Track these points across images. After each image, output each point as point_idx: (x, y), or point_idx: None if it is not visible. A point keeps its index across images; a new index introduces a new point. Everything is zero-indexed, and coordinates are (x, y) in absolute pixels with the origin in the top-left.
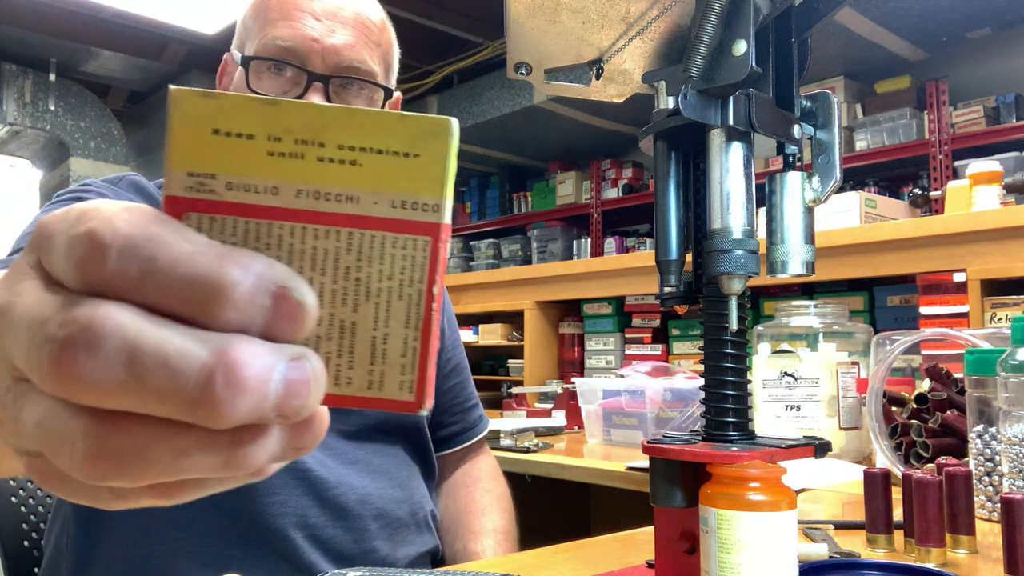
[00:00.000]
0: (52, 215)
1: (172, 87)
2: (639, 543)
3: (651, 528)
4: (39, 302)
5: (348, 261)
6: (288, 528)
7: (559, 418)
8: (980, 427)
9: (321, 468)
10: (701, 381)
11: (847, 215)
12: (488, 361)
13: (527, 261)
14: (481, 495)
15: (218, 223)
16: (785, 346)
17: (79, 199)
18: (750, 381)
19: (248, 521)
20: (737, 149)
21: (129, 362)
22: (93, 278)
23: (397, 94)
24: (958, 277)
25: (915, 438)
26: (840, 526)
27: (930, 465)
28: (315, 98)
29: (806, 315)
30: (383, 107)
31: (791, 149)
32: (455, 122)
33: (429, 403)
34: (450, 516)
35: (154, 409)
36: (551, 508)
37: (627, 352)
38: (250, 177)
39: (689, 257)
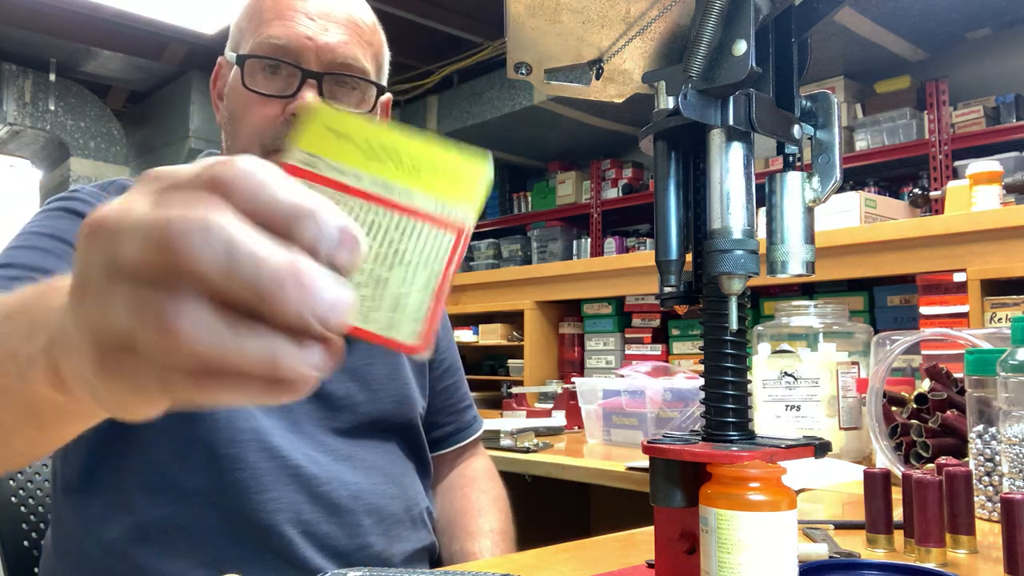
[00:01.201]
0: (159, 168)
1: (316, 102)
2: (639, 543)
3: (651, 528)
4: (155, 206)
5: (393, 235)
6: (282, 524)
7: (559, 418)
8: (980, 427)
9: (312, 465)
10: (701, 381)
11: (847, 215)
12: (488, 361)
13: (527, 261)
14: (477, 496)
15: (314, 190)
16: (785, 346)
17: (68, 208)
18: (750, 381)
19: (243, 520)
20: (737, 149)
21: (227, 251)
22: (215, 189)
23: (387, 96)
24: (958, 277)
25: (915, 438)
26: (840, 526)
27: (930, 465)
28: (309, 95)
29: (806, 315)
30: (375, 104)
31: (791, 149)
32: (490, 157)
33: (429, 352)
34: (447, 517)
35: (235, 292)
36: (551, 508)
37: (627, 352)
38: (343, 164)
39: (689, 257)
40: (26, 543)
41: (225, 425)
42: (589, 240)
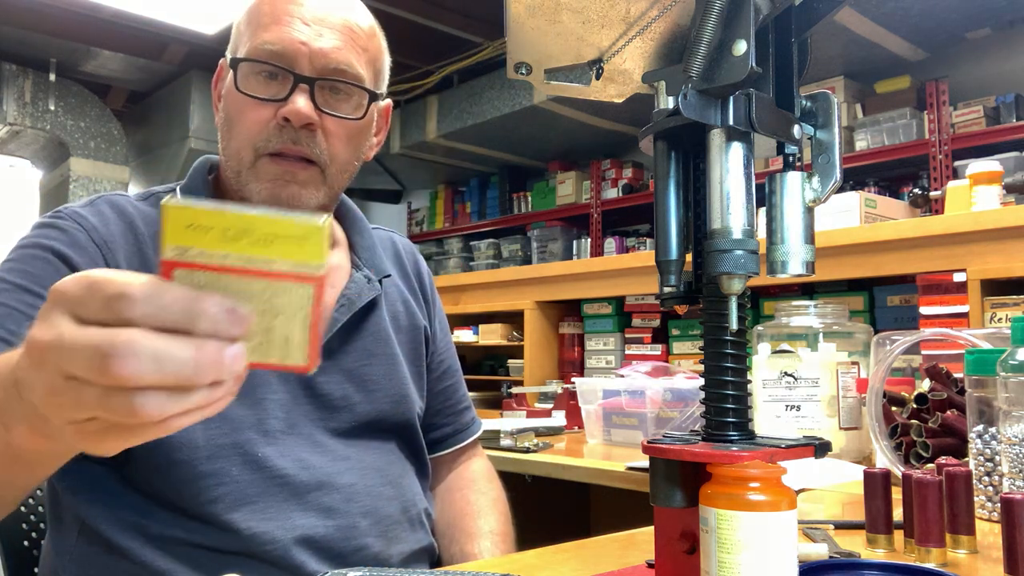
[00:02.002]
0: (65, 283)
1: (164, 203)
2: (639, 543)
3: (651, 528)
4: (84, 332)
5: (268, 295)
6: (273, 531)
7: (559, 418)
8: (980, 427)
9: (302, 471)
10: (701, 381)
11: (847, 215)
12: (488, 361)
13: (527, 261)
14: (476, 497)
15: (194, 275)
16: (785, 346)
17: (45, 246)
18: (750, 381)
19: (234, 531)
20: (737, 149)
21: (155, 360)
22: (126, 317)
23: (387, 102)
24: (958, 277)
25: (915, 438)
26: (840, 526)
27: (930, 465)
28: (300, 99)
29: (806, 315)
30: (367, 111)
31: (791, 149)
32: (326, 221)
33: (315, 366)
34: (445, 519)
35: (165, 381)
36: (551, 508)
37: (627, 352)
38: (211, 249)
39: (689, 257)
40: (26, 543)
41: (204, 443)
42: (589, 240)
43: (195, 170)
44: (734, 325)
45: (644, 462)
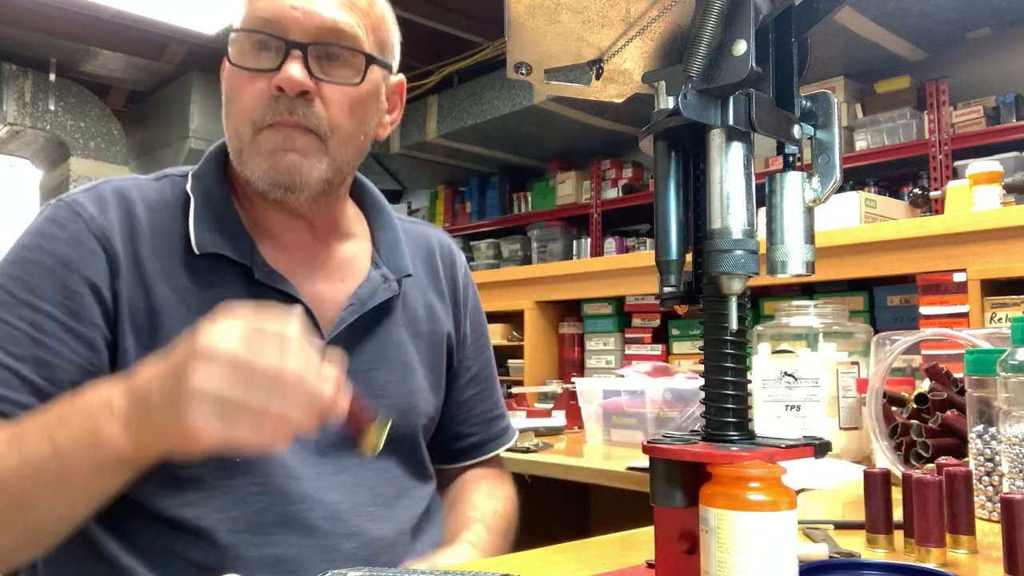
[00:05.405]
0: None
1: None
2: (639, 543)
3: (651, 528)
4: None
5: None
6: (238, 546)
7: (559, 418)
8: (980, 427)
9: (287, 480)
10: (701, 381)
11: (847, 215)
12: None
13: (527, 261)
14: (478, 499)
15: None
16: (785, 346)
17: (55, 221)
18: (750, 381)
19: (210, 541)
20: (737, 149)
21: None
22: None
23: (400, 77)
24: (958, 277)
25: (915, 438)
26: (840, 526)
27: (930, 465)
28: (293, 66)
29: (806, 315)
30: (364, 74)
31: (791, 149)
32: None
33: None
34: (449, 530)
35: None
36: (551, 508)
37: (627, 352)
38: None
39: (689, 257)
40: None
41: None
42: (589, 240)
43: (208, 156)
44: (734, 325)
45: (644, 462)
